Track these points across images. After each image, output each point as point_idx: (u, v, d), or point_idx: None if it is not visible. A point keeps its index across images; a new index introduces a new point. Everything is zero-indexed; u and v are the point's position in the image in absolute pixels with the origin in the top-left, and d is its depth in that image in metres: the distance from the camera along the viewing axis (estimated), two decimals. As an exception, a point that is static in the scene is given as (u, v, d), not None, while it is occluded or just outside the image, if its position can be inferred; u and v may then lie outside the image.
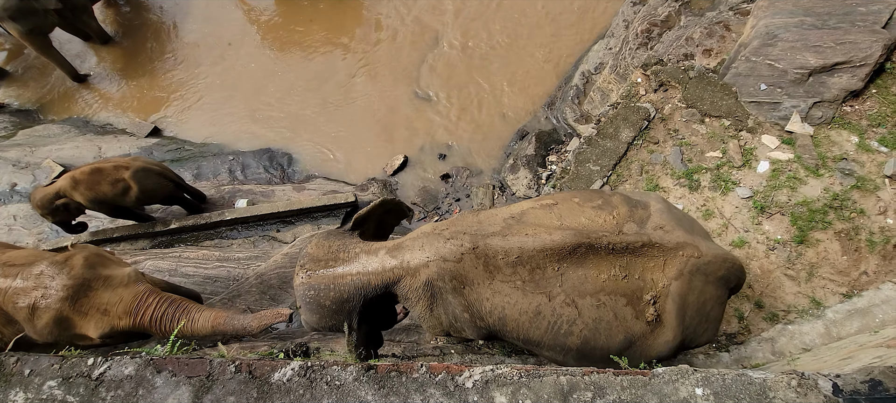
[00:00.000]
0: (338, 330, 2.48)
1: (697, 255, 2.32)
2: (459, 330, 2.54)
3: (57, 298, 2.79)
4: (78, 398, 1.46)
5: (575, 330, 2.32)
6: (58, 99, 7.78)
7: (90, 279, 2.92)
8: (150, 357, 1.54)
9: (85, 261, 2.99)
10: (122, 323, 2.94)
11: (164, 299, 3.07)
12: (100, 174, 4.64)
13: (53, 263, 2.90)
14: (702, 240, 2.41)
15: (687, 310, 2.32)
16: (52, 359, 1.54)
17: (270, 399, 1.47)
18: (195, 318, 3.01)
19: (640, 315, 2.32)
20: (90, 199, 4.65)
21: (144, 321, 2.97)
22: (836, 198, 3.75)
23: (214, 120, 7.21)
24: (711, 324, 2.46)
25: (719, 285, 2.43)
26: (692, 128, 4.51)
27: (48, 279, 2.83)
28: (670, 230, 2.37)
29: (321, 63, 7.48)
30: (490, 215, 2.56)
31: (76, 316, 2.85)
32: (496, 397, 1.44)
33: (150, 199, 5.02)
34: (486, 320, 2.40)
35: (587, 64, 6.86)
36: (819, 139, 4.08)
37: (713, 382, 1.39)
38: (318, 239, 2.61)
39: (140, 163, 4.85)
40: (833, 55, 4.12)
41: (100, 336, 2.91)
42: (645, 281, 2.32)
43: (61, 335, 2.88)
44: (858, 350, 2.76)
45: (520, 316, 2.34)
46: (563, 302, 2.30)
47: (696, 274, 2.32)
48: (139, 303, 2.98)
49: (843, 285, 3.50)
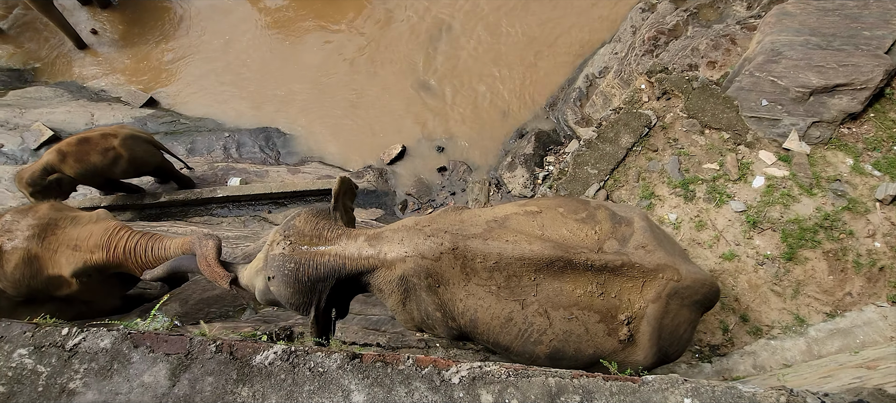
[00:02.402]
0: (302, 309, 2.43)
1: (677, 279, 2.32)
2: (431, 327, 2.52)
3: (23, 238, 2.72)
4: (49, 368, 1.41)
5: (544, 340, 2.32)
6: (52, 61, 7.61)
7: (57, 218, 2.85)
8: (128, 331, 1.49)
9: (50, 205, 2.93)
10: (96, 256, 2.85)
11: (137, 231, 2.98)
12: (88, 144, 4.50)
13: (18, 210, 2.84)
14: (682, 263, 2.41)
15: (662, 333, 2.33)
16: (24, 326, 1.49)
17: (250, 381, 1.43)
18: (167, 245, 2.92)
19: (612, 333, 2.32)
20: (80, 172, 4.50)
21: (118, 253, 2.88)
22: (827, 217, 3.77)
23: (212, 95, 7.10)
24: (682, 345, 2.49)
25: (694, 308, 2.45)
26: (692, 139, 4.51)
27: (13, 224, 2.77)
28: (652, 250, 2.36)
29: (325, 47, 7.38)
30: (473, 215, 2.54)
31: (46, 254, 2.77)
32: (483, 395, 1.42)
33: (140, 169, 4.90)
34: (457, 320, 2.40)
35: (592, 67, 6.84)
36: (815, 158, 4.10)
37: (703, 393, 1.38)
38: (308, 213, 2.56)
39: (128, 131, 4.72)
40: (835, 76, 4.13)
41: (73, 274, 2.82)
42: (621, 301, 2.32)
43: (34, 280, 2.79)
44: (838, 369, 2.78)
45: (491, 320, 2.34)
46: (535, 311, 2.30)
47: (673, 297, 2.33)
48: (111, 236, 2.89)
49: (827, 304, 3.53)
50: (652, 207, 4.21)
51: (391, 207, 6.09)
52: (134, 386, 1.39)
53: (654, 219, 4.18)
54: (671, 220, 4.09)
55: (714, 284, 2.49)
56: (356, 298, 4.12)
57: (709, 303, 2.54)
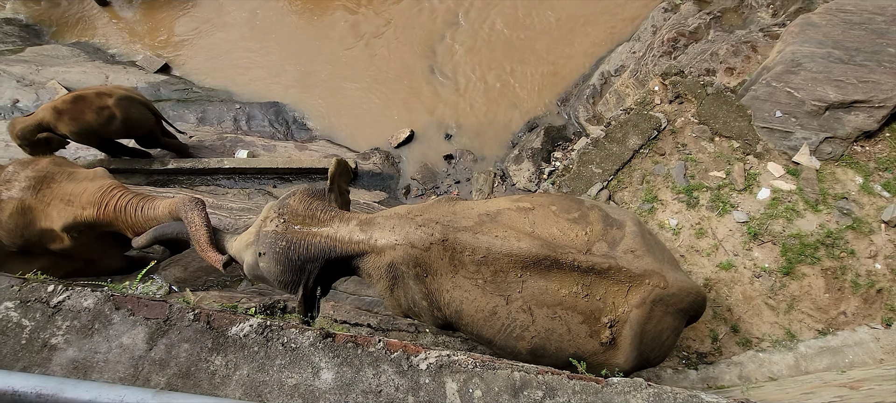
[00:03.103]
0: (290, 287, 2.46)
1: (663, 286, 2.31)
2: (417, 314, 2.55)
3: (19, 188, 2.77)
4: (33, 322, 1.47)
5: (526, 336, 2.34)
6: (71, 20, 7.70)
7: (54, 172, 2.88)
8: (110, 293, 1.54)
9: (52, 159, 2.97)
10: (86, 213, 2.86)
11: (130, 191, 2.99)
12: (83, 102, 4.51)
13: (21, 162, 2.90)
14: (670, 270, 2.40)
15: (643, 338, 2.33)
16: (12, 280, 1.55)
17: (224, 351, 1.48)
18: (156, 206, 2.91)
19: (594, 334, 2.33)
20: (75, 130, 4.52)
21: (109, 210, 2.89)
22: (829, 235, 3.70)
23: (226, 66, 7.15)
24: (664, 352, 2.49)
25: (678, 316, 2.44)
26: (700, 145, 4.44)
27: (13, 175, 2.82)
28: (640, 255, 2.35)
29: (342, 27, 7.36)
30: (465, 208, 2.55)
31: (39, 206, 2.81)
32: (448, 382, 1.45)
33: (134, 130, 4.90)
34: (443, 310, 2.42)
35: (608, 64, 6.73)
36: (824, 174, 4.01)
37: (664, 399, 1.38)
38: (303, 193, 2.57)
39: (123, 91, 4.72)
40: (853, 92, 4.01)
41: (63, 228, 2.85)
42: (605, 303, 2.33)
43: (27, 230, 2.84)
44: (821, 386, 2.76)
45: (476, 312, 2.36)
46: (519, 307, 2.32)
47: (657, 303, 2.32)
48: (104, 194, 2.90)
49: (820, 322, 3.49)
50: (653, 211, 4.17)
51: (395, 191, 6.12)
52: (113, 347, 1.44)
53: (653, 224, 4.14)
54: (671, 226, 4.05)
55: (700, 294, 2.47)
56: (351, 279, 4.18)
57: (694, 313, 2.53)
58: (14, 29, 7.37)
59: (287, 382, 1.42)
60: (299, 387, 1.42)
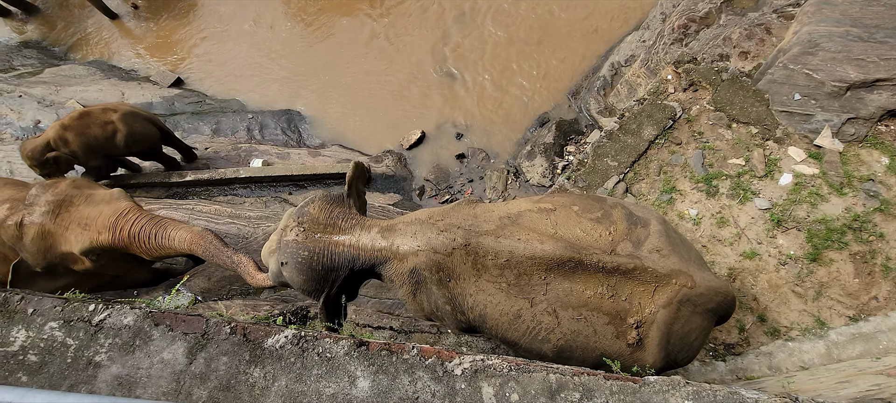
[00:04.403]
0: (314, 295, 2.47)
1: (690, 285, 2.27)
2: (440, 318, 2.55)
3: (40, 213, 2.82)
4: (77, 341, 1.50)
5: (552, 339, 2.33)
6: (86, 39, 7.85)
7: (73, 195, 2.92)
8: (148, 310, 1.58)
9: (72, 182, 3.01)
10: (102, 237, 2.89)
11: (145, 215, 3.00)
12: (88, 117, 4.63)
13: (44, 184, 2.95)
14: (697, 270, 2.36)
15: (671, 339, 2.30)
16: (54, 300, 1.59)
17: (262, 363, 1.50)
18: (172, 236, 2.92)
19: (621, 336, 2.30)
20: (81, 146, 4.62)
21: (123, 236, 2.91)
22: (856, 218, 3.62)
23: (238, 76, 7.23)
24: (692, 353, 2.44)
25: (707, 316, 2.40)
26: (718, 133, 4.38)
27: (36, 198, 2.88)
28: (666, 255, 2.32)
29: (349, 31, 7.40)
30: (486, 210, 2.54)
31: (58, 230, 2.85)
32: (484, 387, 1.45)
33: (138, 144, 4.99)
34: (466, 314, 2.42)
35: (618, 55, 6.66)
36: (848, 156, 3.92)
37: (704, 397, 1.37)
38: (321, 201, 2.57)
39: (128, 107, 4.84)
40: (875, 70, 3.91)
41: (81, 252, 2.89)
42: (631, 304, 2.30)
43: (49, 254, 2.90)
44: (857, 375, 2.71)
45: (500, 316, 2.36)
46: (544, 310, 2.30)
47: (685, 303, 2.29)
48: (118, 217, 2.91)
49: (850, 308, 3.42)
50: (672, 202, 4.12)
51: (409, 193, 6.14)
52: (154, 362, 1.47)
53: (674, 215, 4.10)
54: (692, 216, 4.00)
55: (729, 293, 2.43)
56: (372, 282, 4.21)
57: (724, 313, 2.48)
58: (32, 51, 7.54)
59: (325, 392, 1.44)
60: (337, 396, 1.43)
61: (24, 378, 1.37)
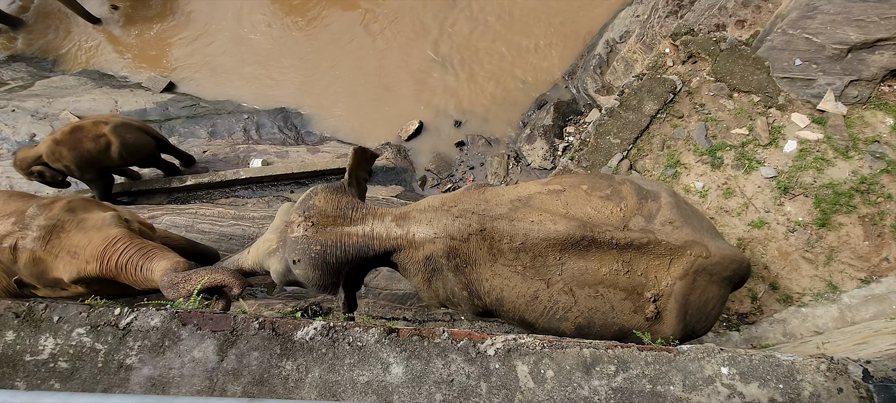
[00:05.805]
0: (330, 289, 2.45)
1: (705, 255, 2.28)
2: (456, 304, 2.55)
3: (32, 238, 2.74)
4: (106, 345, 1.49)
5: (570, 317, 2.33)
6: (72, 49, 7.73)
7: (65, 221, 2.82)
8: (175, 310, 1.56)
9: (67, 204, 2.90)
10: (90, 267, 2.78)
11: (134, 245, 2.84)
12: (80, 131, 4.58)
13: (40, 205, 2.86)
14: (710, 239, 2.37)
15: (689, 310, 2.31)
16: (79, 307, 1.57)
17: (293, 356, 1.49)
18: (152, 268, 2.77)
19: (639, 310, 2.31)
20: (75, 160, 4.58)
21: (111, 266, 2.79)
22: (863, 181, 3.64)
23: (230, 76, 7.13)
24: (710, 322, 2.46)
25: (723, 285, 2.41)
26: (719, 103, 4.37)
27: (31, 220, 2.79)
28: (679, 226, 2.32)
29: (338, 24, 7.31)
30: (496, 194, 2.53)
31: (48, 258, 2.77)
32: (518, 365, 1.45)
33: (133, 155, 4.93)
34: (483, 299, 2.43)
35: (612, 32, 6.61)
36: (852, 119, 3.93)
37: (740, 362, 1.37)
38: (325, 193, 2.52)
39: (119, 119, 4.79)
40: (876, 30, 3.90)
41: (71, 281, 2.80)
42: (647, 278, 2.31)
43: (42, 278, 2.82)
44: (873, 336, 2.73)
45: (517, 298, 2.36)
46: (560, 289, 2.31)
47: (701, 273, 2.30)
48: (107, 247, 2.79)
49: (862, 270, 3.44)
50: (677, 176, 4.12)
51: (410, 183, 6.11)
52: (185, 361, 1.46)
53: (680, 189, 4.10)
54: (698, 189, 4.01)
55: (744, 260, 2.44)
56: (381, 274, 4.20)
57: (739, 280, 2.50)
58: (22, 65, 7.42)
59: (359, 380, 1.43)
60: (372, 384, 1.43)
61: (56, 385, 1.36)
